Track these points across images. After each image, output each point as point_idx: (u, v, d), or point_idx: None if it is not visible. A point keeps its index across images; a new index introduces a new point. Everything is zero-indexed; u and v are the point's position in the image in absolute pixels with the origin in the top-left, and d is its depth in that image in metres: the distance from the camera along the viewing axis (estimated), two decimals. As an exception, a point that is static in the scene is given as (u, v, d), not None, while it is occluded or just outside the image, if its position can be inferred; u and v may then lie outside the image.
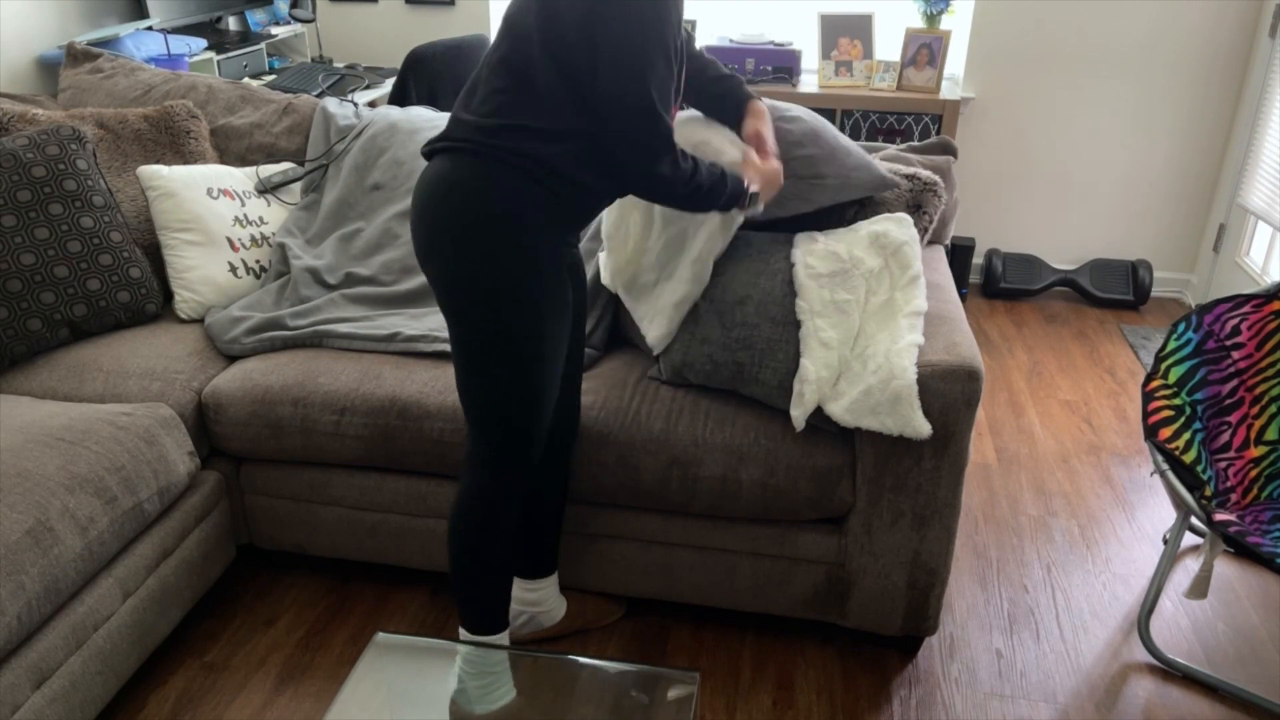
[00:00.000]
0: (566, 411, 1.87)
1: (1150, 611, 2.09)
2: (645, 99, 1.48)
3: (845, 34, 3.75)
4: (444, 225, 1.55)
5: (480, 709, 1.52)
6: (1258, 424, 2.14)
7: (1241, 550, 1.83)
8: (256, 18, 4.05)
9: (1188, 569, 2.35)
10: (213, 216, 2.37)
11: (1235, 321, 2.12)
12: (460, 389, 1.66)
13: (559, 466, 1.89)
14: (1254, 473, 2.14)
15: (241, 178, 2.51)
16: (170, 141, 2.55)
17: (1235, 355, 2.12)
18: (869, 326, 1.90)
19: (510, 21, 1.56)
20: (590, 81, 1.50)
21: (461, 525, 1.71)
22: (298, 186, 2.61)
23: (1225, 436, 2.13)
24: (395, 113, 2.67)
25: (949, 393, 1.77)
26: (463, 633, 1.80)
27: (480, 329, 1.58)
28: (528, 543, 1.94)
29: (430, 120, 2.63)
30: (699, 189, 1.62)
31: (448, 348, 2.12)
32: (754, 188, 1.75)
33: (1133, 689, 1.99)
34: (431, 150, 1.63)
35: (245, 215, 2.45)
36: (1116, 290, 3.82)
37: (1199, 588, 1.91)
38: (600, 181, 1.61)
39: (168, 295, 2.40)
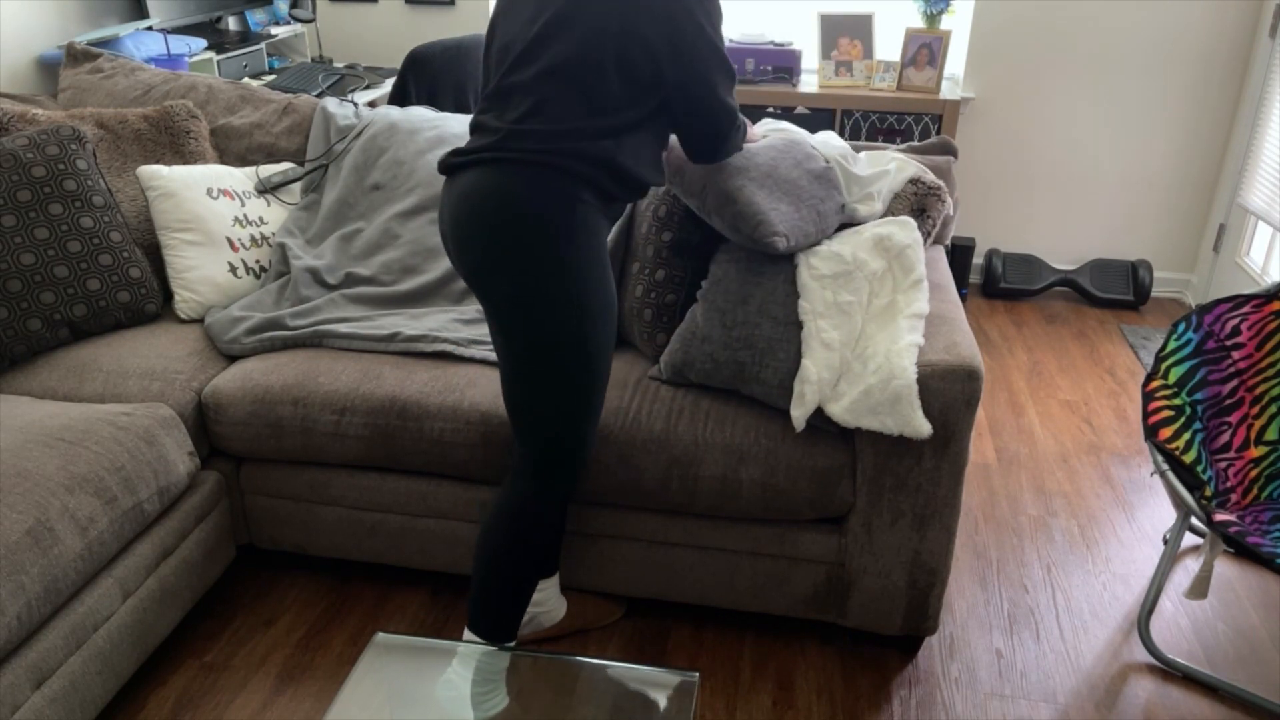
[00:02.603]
0: None
1: (1150, 611, 2.09)
2: (720, 74, 1.62)
3: (845, 34, 3.75)
4: (496, 237, 1.54)
5: (477, 715, 1.52)
6: (1258, 424, 2.14)
7: (1241, 550, 1.83)
8: (256, 18, 4.05)
9: (1188, 569, 2.35)
10: (213, 216, 2.37)
11: (1235, 321, 2.12)
12: (512, 401, 1.66)
13: None
14: (1254, 473, 2.14)
15: (241, 178, 2.51)
16: (170, 141, 2.55)
17: (1235, 355, 2.12)
18: (870, 328, 1.90)
19: (547, 32, 1.55)
20: (656, 74, 1.57)
21: (501, 532, 1.71)
22: (298, 186, 2.61)
23: (1225, 436, 2.13)
24: (395, 113, 2.66)
25: (949, 392, 1.77)
26: (467, 634, 1.80)
27: (538, 338, 1.58)
28: None
29: (430, 120, 2.63)
30: (738, 136, 1.79)
31: (448, 348, 2.12)
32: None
33: (1133, 689, 1.99)
34: (465, 161, 1.61)
35: (245, 215, 2.45)
36: (1116, 290, 3.82)
37: (1199, 588, 1.91)
38: (651, 173, 1.68)
39: (168, 295, 2.40)
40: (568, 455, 1.69)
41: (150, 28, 3.29)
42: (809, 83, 3.83)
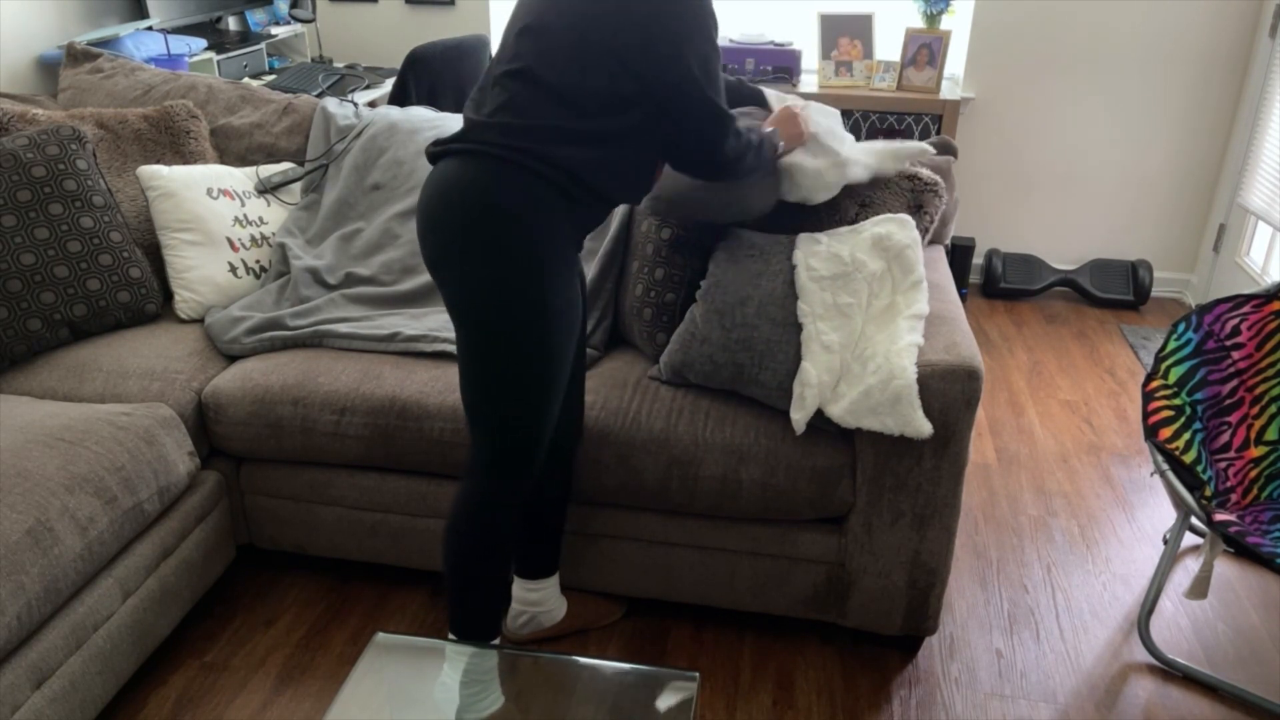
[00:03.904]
0: (570, 412, 1.87)
1: (1150, 611, 2.09)
2: (698, 86, 1.55)
3: (845, 34, 3.75)
4: (456, 227, 1.54)
5: (469, 717, 1.52)
6: (1258, 424, 2.14)
7: (1241, 550, 1.83)
8: (256, 18, 4.05)
9: (1188, 569, 2.35)
10: (213, 216, 2.37)
11: (1235, 321, 2.12)
12: (466, 395, 1.65)
13: (563, 467, 1.89)
14: (1254, 473, 2.14)
15: (241, 178, 2.51)
16: (170, 141, 2.55)
17: (1235, 355, 2.12)
18: (869, 329, 1.90)
19: (528, 31, 1.55)
20: (638, 83, 1.53)
21: (461, 531, 1.70)
22: (298, 186, 2.61)
23: (1225, 436, 2.13)
24: (395, 113, 2.67)
25: (949, 392, 1.77)
26: (451, 637, 1.79)
27: (492, 332, 1.57)
28: (530, 543, 1.94)
29: (430, 120, 2.63)
30: (751, 156, 1.69)
31: (448, 348, 2.12)
32: (777, 137, 1.84)
33: (1133, 689, 1.99)
34: (440, 151, 1.61)
35: (245, 215, 2.45)
36: (1116, 290, 3.82)
37: (1199, 588, 1.91)
38: (620, 191, 1.64)
39: (168, 295, 2.40)
40: (519, 453, 1.66)
41: (150, 28, 3.29)
42: (809, 83, 3.83)
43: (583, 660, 1.60)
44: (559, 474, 1.89)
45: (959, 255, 3.72)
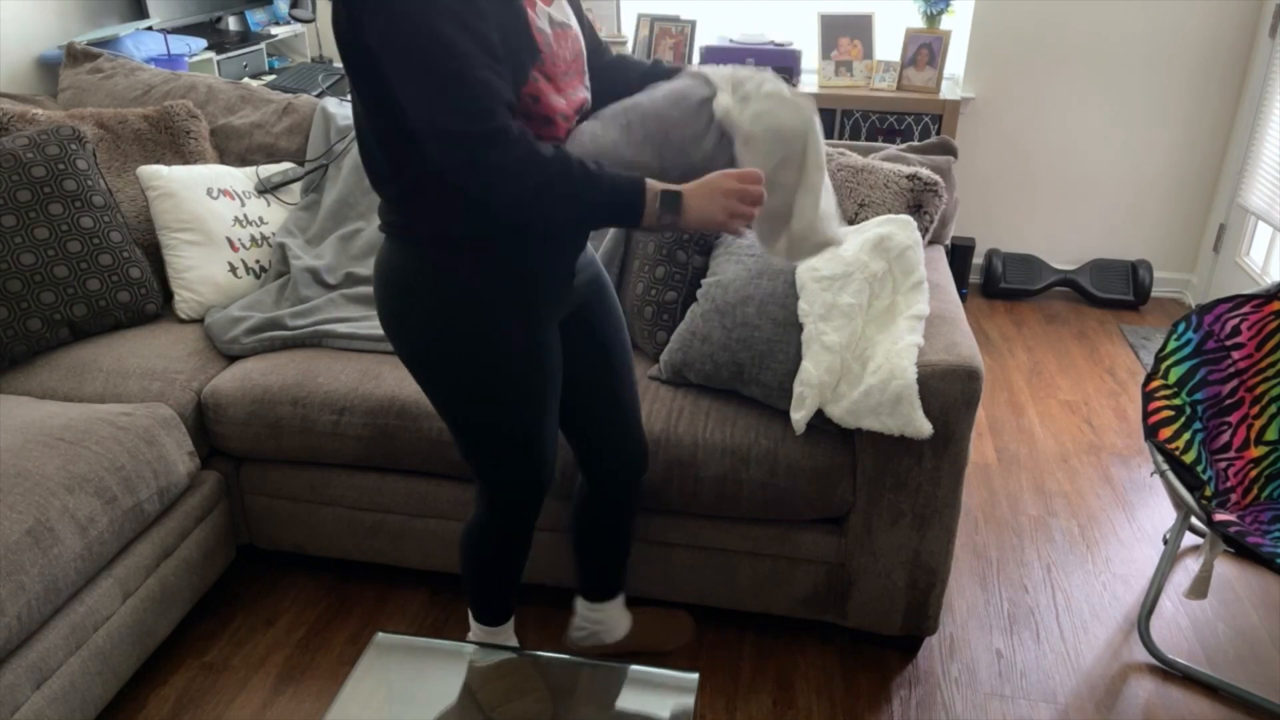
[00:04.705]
0: (628, 441, 1.78)
1: (1150, 611, 2.09)
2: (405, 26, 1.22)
3: (845, 34, 3.75)
4: (386, 309, 1.50)
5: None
6: (1258, 424, 2.14)
7: (1241, 550, 1.83)
8: (256, 18, 4.04)
9: (1188, 569, 2.35)
10: (213, 216, 2.37)
11: (1235, 321, 2.12)
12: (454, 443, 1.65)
13: (622, 495, 1.82)
14: (1254, 473, 2.14)
15: (241, 178, 2.51)
16: (170, 141, 2.55)
17: (1235, 355, 2.12)
18: (870, 329, 1.90)
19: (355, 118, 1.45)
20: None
21: (471, 544, 1.73)
22: (298, 186, 2.61)
23: (1225, 436, 2.13)
24: (395, 113, 2.66)
25: (949, 392, 1.77)
26: (471, 615, 1.84)
27: (437, 397, 1.55)
28: (594, 569, 1.91)
29: (430, 120, 2.63)
30: (546, 184, 1.27)
31: (448, 348, 2.12)
32: (681, 203, 1.33)
33: (1133, 689, 1.99)
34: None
35: (245, 215, 2.45)
36: (1116, 290, 3.82)
37: (1199, 588, 1.91)
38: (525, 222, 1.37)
39: (168, 295, 2.40)
40: (515, 493, 1.64)
41: (150, 28, 3.29)
42: (809, 83, 3.83)
43: (583, 660, 1.60)
44: (619, 502, 1.82)
45: (959, 255, 3.72)
